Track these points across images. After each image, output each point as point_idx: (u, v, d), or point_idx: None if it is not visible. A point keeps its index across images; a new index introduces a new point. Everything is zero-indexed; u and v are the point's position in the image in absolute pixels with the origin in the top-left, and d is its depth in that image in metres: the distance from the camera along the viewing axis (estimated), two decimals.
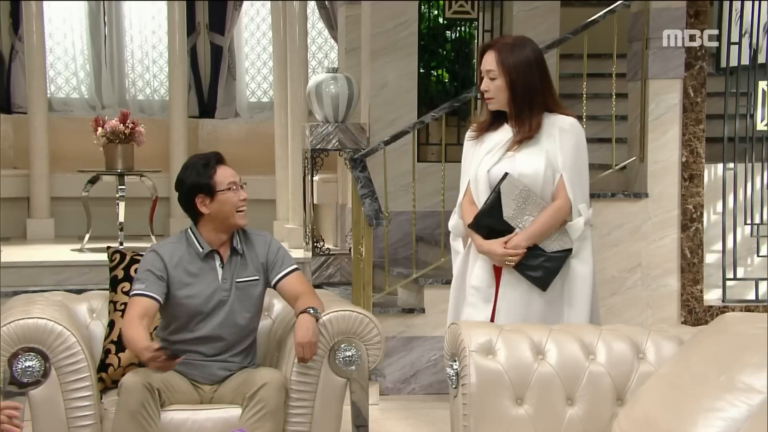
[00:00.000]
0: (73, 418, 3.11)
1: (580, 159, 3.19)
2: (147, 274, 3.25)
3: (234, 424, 3.11)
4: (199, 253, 3.31)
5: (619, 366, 2.85)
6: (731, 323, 2.81)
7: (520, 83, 3.12)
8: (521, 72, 3.12)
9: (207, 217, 3.30)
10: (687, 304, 5.21)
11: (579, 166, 3.19)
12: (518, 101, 3.14)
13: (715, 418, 2.52)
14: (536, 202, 3.16)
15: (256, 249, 3.35)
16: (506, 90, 3.14)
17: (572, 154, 3.17)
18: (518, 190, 3.14)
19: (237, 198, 3.29)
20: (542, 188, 3.17)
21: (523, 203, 3.14)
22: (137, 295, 3.22)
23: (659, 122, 5.19)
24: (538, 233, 3.15)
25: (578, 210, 3.17)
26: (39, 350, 3.09)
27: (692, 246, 5.20)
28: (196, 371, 3.30)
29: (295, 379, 3.26)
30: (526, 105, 3.14)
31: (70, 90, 8.86)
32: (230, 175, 3.31)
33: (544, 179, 3.16)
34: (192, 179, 3.31)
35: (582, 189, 3.20)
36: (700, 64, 5.15)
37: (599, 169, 5.38)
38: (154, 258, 3.29)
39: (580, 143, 3.20)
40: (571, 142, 3.17)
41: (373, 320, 3.34)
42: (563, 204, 3.16)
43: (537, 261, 3.14)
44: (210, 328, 3.28)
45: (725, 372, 2.59)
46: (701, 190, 5.21)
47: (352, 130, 5.86)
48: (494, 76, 3.14)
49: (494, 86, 3.15)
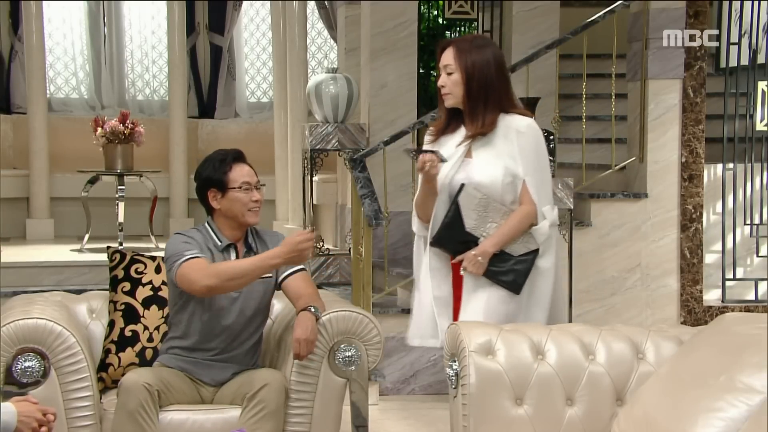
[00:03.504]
0: (72, 418, 3.11)
1: (541, 161, 3.15)
2: (186, 245, 3.20)
3: (233, 424, 3.11)
4: (218, 246, 3.31)
5: (619, 366, 2.85)
6: (731, 323, 2.81)
7: (476, 78, 3.09)
8: (478, 67, 3.09)
9: (219, 212, 3.32)
10: (686, 304, 5.21)
11: (541, 168, 3.15)
12: (473, 96, 3.10)
13: (714, 418, 2.52)
14: (497, 209, 3.13)
15: (268, 247, 3.34)
16: (462, 84, 3.11)
17: (533, 157, 3.13)
18: (477, 200, 3.12)
19: (248, 198, 3.29)
20: (501, 195, 3.13)
21: (483, 212, 3.12)
22: (192, 258, 3.15)
23: (659, 122, 5.19)
24: (505, 239, 3.12)
25: (542, 213, 3.14)
26: (38, 350, 3.09)
27: (692, 246, 5.20)
28: (202, 371, 3.29)
29: (295, 380, 3.26)
30: (480, 101, 3.10)
31: (69, 90, 8.86)
32: (245, 174, 3.31)
33: (503, 186, 3.12)
34: (207, 173, 3.32)
35: (546, 191, 3.17)
36: (699, 65, 5.15)
37: (599, 169, 5.39)
38: (183, 237, 3.26)
39: (539, 145, 3.15)
40: (531, 144, 3.12)
41: (372, 320, 3.34)
42: (529, 209, 3.13)
43: (506, 265, 3.13)
44: (222, 320, 3.27)
45: (725, 372, 2.59)
46: (701, 190, 5.21)
47: (352, 130, 5.86)
48: (451, 71, 3.12)
49: (451, 81, 3.12)
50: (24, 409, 2.33)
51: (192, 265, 3.15)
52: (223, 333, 3.29)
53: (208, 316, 3.27)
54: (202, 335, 3.28)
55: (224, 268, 3.14)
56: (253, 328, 3.34)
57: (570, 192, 4.89)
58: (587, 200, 5.25)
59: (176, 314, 3.31)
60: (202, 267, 3.14)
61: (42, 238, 7.62)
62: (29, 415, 2.32)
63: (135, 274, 3.47)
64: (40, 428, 2.34)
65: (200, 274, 3.12)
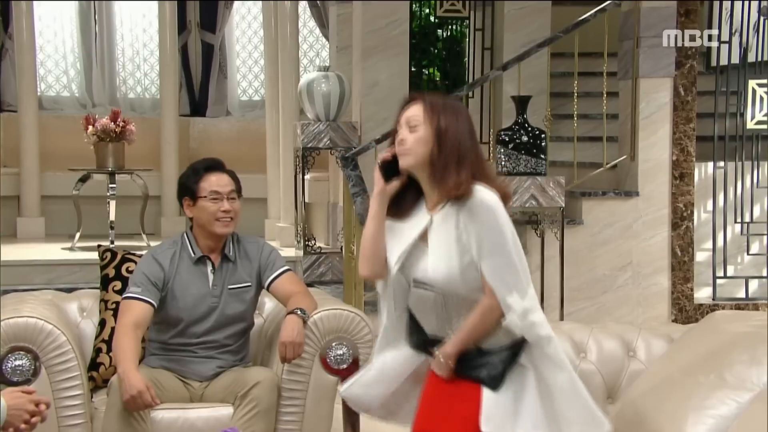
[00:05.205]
0: (63, 417, 3.11)
1: (499, 241, 2.49)
2: (143, 278, 3.25)
3: (225, 423, 3.10)
4: (192, 258, 3.31)
5: (610, 364, 2.86)
6: (721, 321, 2.82)
7: (449, 137, 2.51)
8: (452, 127, 2.53)
9: (194, 221, 3.33)
10: (677, 302, 5.22)
11: (498, 250, 2.49)
12: (444, 154, 2.50)
13: (705, 415, 2.53)
14: (457, 304, 2.54)
15: (249, 255, 3.36)
16: (429, 142, 2.50)
17: (487, 239, 2.48)
18: (431, 301, 2.56)
19: (216, 208, 3.28)
20: (464, 288, 2.52)
21: (442, 311, 2.56)
22: (133, 298, 3.22)
23: (650, 121, 5.20)
24: (466, 338, 2.53)
25: (507, 305, 2.48)
26: (29, 349, 3.08)
27: (683, 244, 5.21)
28: (185, 368, 3.29)
29: (287, 378, 3.26)
30: (453, 160, 2.50)
31: (60, 88, 8.83)
32: (216, 184, 3.30)
33: (464, 277, 2.50)
34: (182, 180, 3.37)
35: (511, 277, 2.49)
36: (690, 63, 5.17)
37: (590, 167, 5.40)
38: (150, 262, 3.29)
39: (494, 222, 2.49)
40: (483, 224, 2.48)
41: (364, 318, 3.34)
42: (489, 302, 2.49)
43: (477, 360, 2.54)
44: (201, 331, 3.29)
45: (715, 370, 2.60)
46: (692, 188, 5.22)
47: (344, 128, 5.86)
48: (416, 123, 2.52)
49: (413, 137, 2.51)
50: (14, 402, 2.32)
51: (126, 306, 3.21)
52: (202, 336, 3.30)
53: (184, 325, 3.29)
54: (180, 336, 3.29)
55: (120, 340, 3.13)
56: (234, 333, 3.34)
57: (561, 190, 4.90)
58: (578, 198, 5.25)
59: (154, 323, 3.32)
60: (128, 319, 3.16)
61: (33, 237, 7.60)
62: (20, 408, 2.31)
63: (126, 273, 3.47)
64: (32, 419, 2.33)
65: (121, 323, 3.17)
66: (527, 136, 4.92)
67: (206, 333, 3.29)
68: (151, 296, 3.22)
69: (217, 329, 3.30)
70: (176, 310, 3.27)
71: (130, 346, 3.10)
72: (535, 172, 4.92)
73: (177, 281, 3.28)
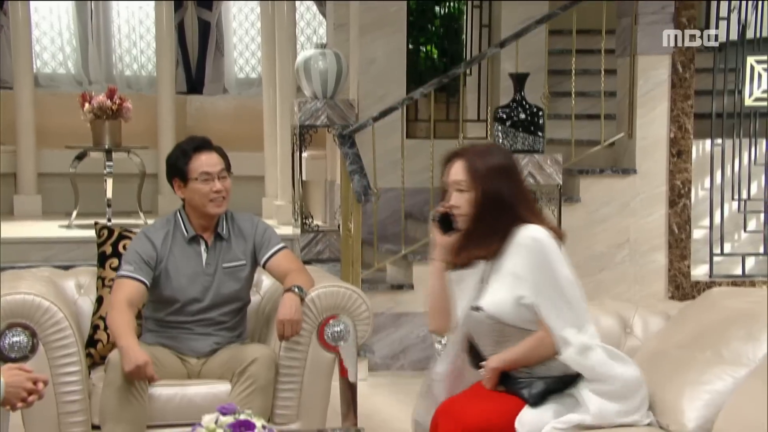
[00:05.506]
0: (61, 393, 3.11)
1: (553, 277, 2.59)
2: (135, 256, 3.24)
3: (223, 399, 3.11)
4: (185, 237, 3.31)
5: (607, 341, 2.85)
6: (718, 298, 2.83)
7: (495, 196, 2.64)
8: (496, 184, 2.65)
9: (186, 201, 3.31)
10: (674, 279, 5.23)
11: (553, 286, 2.58)
12: (491, 216, 2.64)
13: (701, 391, 2.54)
14: (516, 334, 2.64)
15: (243, 232, 3.34)
16: (479, 202, 2.65)
17: (541, 276, 2.59)
18: (488, 326, 2.67)
19: (209, 189, 3.25)
20: (516, 320, 2.63)
21: (500, 337, 2.66)
22: (125, 276, 3.21)
23: (648, 98, 5.19)
24: (512, 360, 2.63)
25: (563, 338, 2.57)
26: (26, 325, 3.08)
27: (680, 222, 5.22)
28: (182, 345, 3.30)
29: (284, 355, 3.26)
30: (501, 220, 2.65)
31: (56, 65, 8.80)
32: (205, 165, 3.26)
33: (516, 311, 2.62)
34: (171, 161, 3.32)
35: (568, 311, 2.59)
36: None
37: (588, 145, 5.39)
38: (143, 241, 3.28)
39: (546, 260, 2.60)
40: (534, 261, 2.59)
41: (361, 295, 3.34)
42: (542, 336, 2.59)
43: (524, 381, 2.64)
44: (197, 309, 3.29)
45: (712, 346, 2.61)
46: (689, 165, 5.22)
47: (341, 106, 5.84)
48: (463, 188, 2.66)
49: (465, 201, 2.66)
50: (11, 380, 2.32)
51: (119, 284, 3.20)
52: (197, 314, 3.30)
53: (179, 304, 3.28)
54: (176, 314, 3.29)
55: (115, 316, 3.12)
56: (230, 311, 3.34)
57: (559, 168, 4.90)
58: (576, 176, 5.25)
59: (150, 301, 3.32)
60: (121, 295, 3.15)
61: (30, 215, 7.59)
62: (17, 386, 2.32)
63: (123, 251, 3.46)
64: (29, 396, 2.33)
65: (115, 300, 3.16)
66: (525, 114, 4.91)
67: (202, 311, 3.29)
68: (143, 275, 3.22)
69: (213, 308, 3.30)
70: (170, 290, 3.27)
71: (127, 321, 3.10)
72: (533, 150, 4.91)
73: (170, 261, 3.27)
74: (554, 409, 2.58)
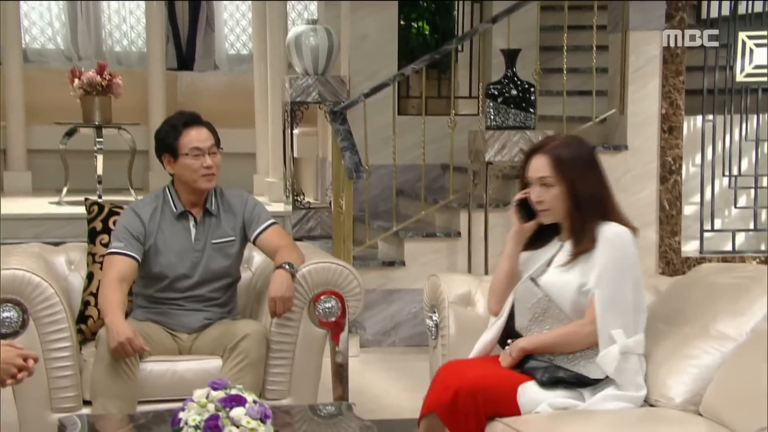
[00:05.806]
0: (51, 368, 3.11)
1: (622, 276, 2.60)
2: (125, 232, 3.23)
3: (214, 375, 3.11)
4: (174, 213, 3.30)
5: None
6: (707, 273, 2.84)
7: (585, 190, 2.65)
8: (583, 176, 2.67)
9: (175, 176, 3.30)
10: (665, 255, 5.25)
11: (618, 283, 2.59)
12: (583, 212, 2.64)
13: (689, 365, 2.56)
14: (557, 316, 2.66)
15: (232, 208, 3.33)
16: (567, 197, 2.65)
17: (611, 269, 2.59)
18: (536, 298, 2.67)
19: (199, 164, 3.23)
20: (569, 305, 2.65)
21: (541, 315, 2.67)
22: (116, 253, 3.21)
23: (639, 74, 5.18)
24: (543, 343, 2.64)
25: (610, 336, 2.57)
26: (17, 301, 3.08)
27: (671, 198, 5.23)
28: (173, 320, 3.30)
29: (275, 331, 3.27)
30: (592, 215, 2.65)
31: (45, 40, 8.73)
32: (195, 140, 3.24)
33: (575, 297, 2.63)
34: (160, 137, 3.31)
35: (620, 312, 2.58)
36: (680, 15, 5.13)
37: (579, 121, 5.38)
38: (131, 217, 3.27)
39: (622, 256, 2.61)
40: (611, 254, 2.60)
41: (352, 272, 3.34)
42: (584, 325, 2.60)
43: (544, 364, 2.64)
44: (186, 286, 3.28)
45: (700, 321, 2.63)
46: (680, 142, 5.22)
47: (332, 82, 5.81)
48: (548, 182, 2.66)
49: (550, 196, 2.66)
50: (2, 357, 2.32)
51: (109, 261, 3.21)
52: (187, 291, 3.30)
53: (169, 280, 3.28)
54: (166, 291, 3.29)
55: (105, 294, 3.14)
56: (220, 287, 3.33)
57: None
58: None
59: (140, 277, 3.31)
60: (113, 273, 3.16)
61: (20, 191, 7.56)
62: (8, 362, 2.32)
63: (113, 226, 3.45)
64: (19, 373, 2.33)
65: (106, 277, 3.17)
66: (516, 90, 4.90)
67: (192, 287, 3.29)
68: (134, 250, 3.21)
69: (203, 284, 3.29)
70: (159, 266, 3.26)
71: (116, 298, 3.10)
72: (524, 126, 4.91)
73: (159, 237, 3.27)
74: (559, 393, 2.60)
